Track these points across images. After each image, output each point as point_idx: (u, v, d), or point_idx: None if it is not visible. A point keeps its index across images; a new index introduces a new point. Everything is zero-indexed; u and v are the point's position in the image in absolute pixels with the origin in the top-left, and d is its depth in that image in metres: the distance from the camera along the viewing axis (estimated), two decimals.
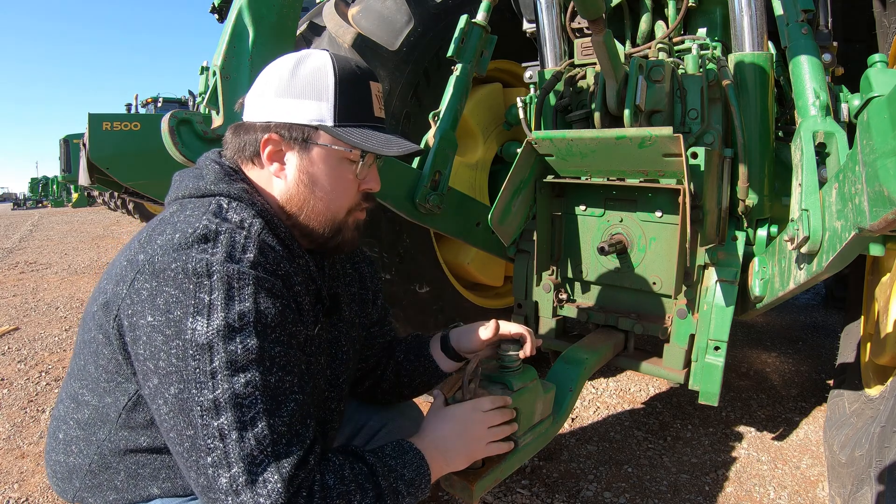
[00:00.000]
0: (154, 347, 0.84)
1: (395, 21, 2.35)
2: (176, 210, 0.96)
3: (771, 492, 1.96)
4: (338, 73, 0.99)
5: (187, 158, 1.69)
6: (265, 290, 0.87)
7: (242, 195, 0.98)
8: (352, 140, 0.98)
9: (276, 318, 0.87)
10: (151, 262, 0.86)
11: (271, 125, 0.99)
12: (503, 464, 1.24)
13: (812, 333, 3.71)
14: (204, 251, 0.86)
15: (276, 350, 0.86)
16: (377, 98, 1.05)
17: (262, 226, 0.96)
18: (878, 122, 0.79)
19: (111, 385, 0.96)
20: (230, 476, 0.79)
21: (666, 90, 1.69)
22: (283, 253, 0.97)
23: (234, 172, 1.03)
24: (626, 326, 1.85)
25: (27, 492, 2.07)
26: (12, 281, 6.14)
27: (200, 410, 0.81)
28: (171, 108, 13.49)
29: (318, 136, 1.00)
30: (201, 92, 5.92)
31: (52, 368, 3.31)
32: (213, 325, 0.81)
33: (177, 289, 0.83)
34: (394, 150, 1.01)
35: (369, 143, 0.99)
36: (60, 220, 15.44)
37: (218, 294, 0.83)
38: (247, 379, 0.81)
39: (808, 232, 1.15)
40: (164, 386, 0.83)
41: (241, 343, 0.82)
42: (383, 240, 2.40)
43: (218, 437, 0.80)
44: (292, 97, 0.99)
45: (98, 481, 1.01)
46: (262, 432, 0.81)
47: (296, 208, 1.03)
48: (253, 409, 0.81)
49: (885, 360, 1.85)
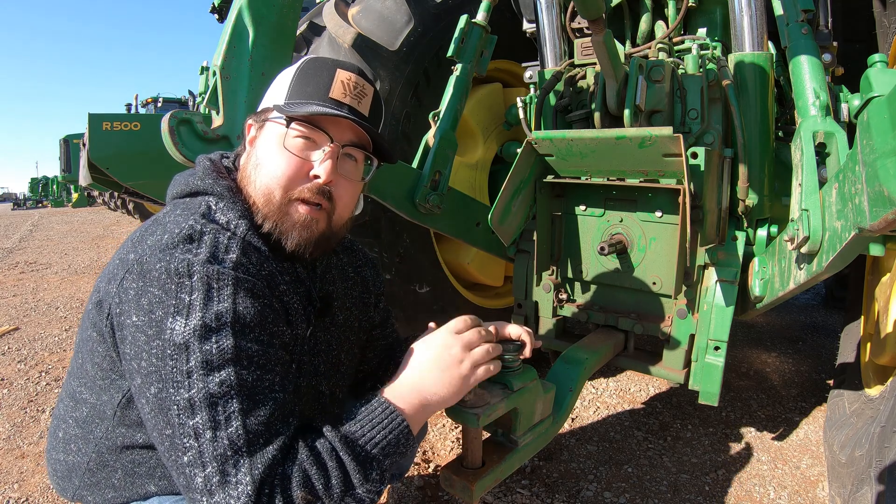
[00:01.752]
0: (138, 347, 0.85)
1: (395, 21, 2.35)
2: (168, 210, 0.99)
3: (771, 492, 1.96)
4: (304, 63, 1.04)
5: (187, 158, 1.69)
6: (245, 290, 0.88)
7: (225, 193, 1.00)
8: (280, 107, 1.00)
9: (256, 317, 0.87)
10: (140, 262, 0.87)
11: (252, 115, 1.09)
12: (503, 464, 1.24)
13: (812, 333, 3.71)
14: (188, 251, 0.87)
15: (254, 349, 0.86)
16: (343, 84, 1.01)
17: (247, 227, 0.97)
18: (878, 122, 0.79)
19: (106, 382, 0.97)
20: (205, 476, 0.79)
21: (666, 90, 1.69)
22: (268, 253, 0.98)
23: (225, 170, 1.06)
24: (626, 326, 1.85)
25: (27, 492, 2.07)
26: (12, 281, 6.14)
27: (177, 410, 0.81)
28: (171, 108, 13.49)
29: (270, 114, 1.03)
30: (201, 92, 5.91)
31: (52, 368, 3.31)
32: (189, 325, 0.82)
33: (160, 289, 0.84)
34: (312, 108, 0.97)
35: (294, 109, 0.98)
36: (60, 220, 15.44)
37: (197, 294, 0.83)
38: (220, 378, 0.81)
39: (808, 232, 1.15)
40: (146, 385, 0.84)
41: (217, 343, 0.82)
42: (383, 240, 2.40)
43: (193, 436, 0.80)
44: (269, 90, 1.08)
45: (96, 479, 1.02)
46: (237, 432, 0.80)
47: (247, 184, 1.03)
48: (227, 408, 0.81)
49: (885, 360, 1.85)
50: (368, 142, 1.08)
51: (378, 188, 1.92)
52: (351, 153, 1.06)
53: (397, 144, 2.36)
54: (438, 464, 2.11)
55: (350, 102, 1.02)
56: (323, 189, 1.01)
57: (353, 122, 1.01)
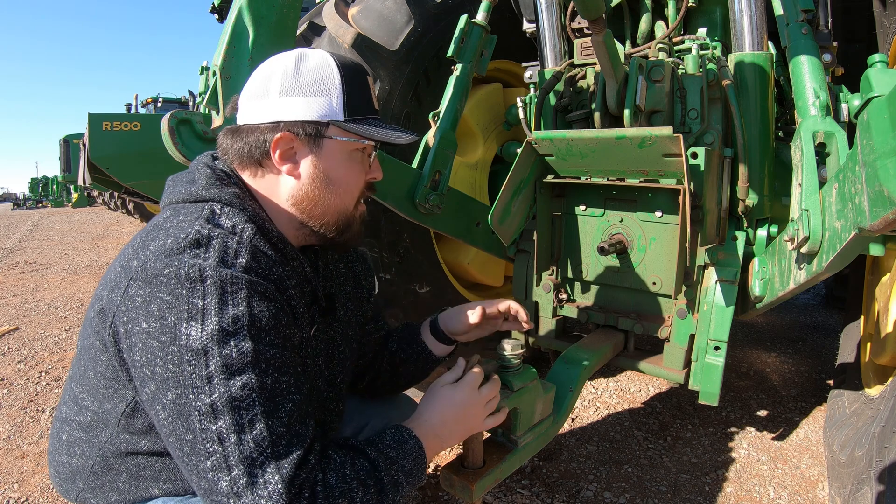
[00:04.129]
0: (150, 354, 0.84)
1: (395, 21, 2.35)
2: (169, 215, 0.96)
3: (771, 492, 1.96)
4: (341, 69, 1.01)
5: (187, 158, 1.69)
6: (258, 293, 0.87)
7: (234, 200, 0.98)
8: (364, 132, 1.02)
9: (271, 321, 0.87)
10: (144, 269, 0.86)
11: (280, 124, 0.98)
12: (503, 464, 1.24)
13: (812, 333, 3.71)
14: (196, 256, 0.86)
15: (272, 353, 0.86)
16: (373, 90, 1.09)
17: (254, 231, 0.96)
18: (878, 122, 0.79)
19: (109, 391, 0.96)
20: (230, 479, 0.79)
21: (666, 90, 1.69)
22: (275, 257, 0.97)
23: (226, 177, 1.02)
24: (626, 326, 1.85)
25: (27, 492, 2.07)
26: (12, 281, 6.14)
27: (198, 415, 0.81)
28: (171, 108, 13.50)
29: (330, 131, 1.01)
30: (201, 92, 5.92)
31: (52, 368, 3.31)
32: (207, 329, 0.81)
33: (170, 294, 0.83)
34: (403, 139, 1.06)
35: (379, 134, 1.03)
36: (60, 220, 15.44)
37: (211, 299, 0.83)
38: (243, 382, 0.81)
39: (808, 232, 1.15)
40: (162, 392, 0.83)
41: (236, 346, 0.82)
42: (383, 240, 2.40)
43: (217, 440, 0.80)
44: (300, 95, 0.99)
45: (100, 482, 1.02)
46: (261, 434, 0.81)
47: (311, 205, 1.03)
48: (250, 411, 0.81)
49: (885, 360, 1.85)
50: None
51: (378, 188, 1.91)
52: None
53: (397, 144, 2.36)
54: (438, 464, 2.11)
55: (378, 108, 1.11)
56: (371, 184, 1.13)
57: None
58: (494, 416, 1.17)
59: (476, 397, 1.12)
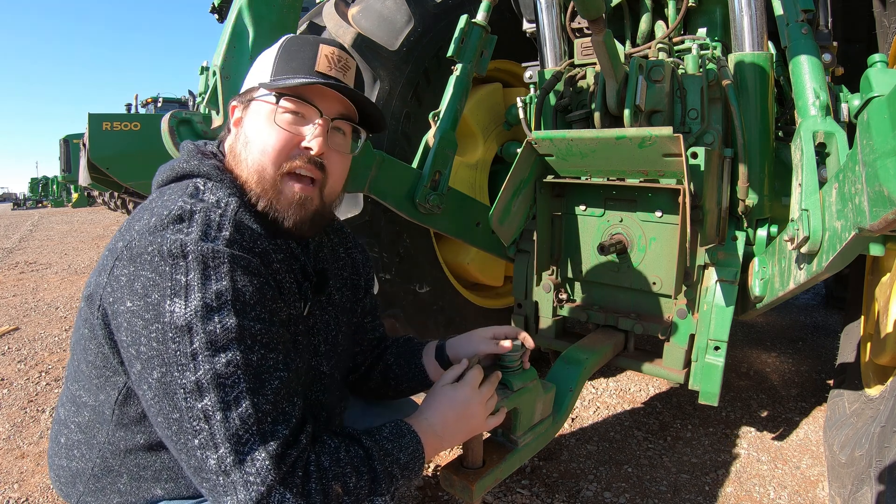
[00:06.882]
0: (135, 333, 0.83)
1: (395, 21, 2.35)
2: (155, 196, 0.97)
3: (771, 492, 1.96)
4: (285, 41, 1.04)
5: None
6: (241, 267, 0.86)
7: (212, 172, 0.99)
8: (266, 83, 1.01)
9: (255, 295, 0.87)
10: (129, 248, 0.86)
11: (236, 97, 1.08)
12: (503, 464, 1.24)
13: (812, 333, 3.71)
14: (179, 231, 0.85)
15: (257, 328, 0.85)
16: (327, 57, 1.02)
17: (238, 204, 0.95)
18: (878, 122, 0.79)
19: (101, 380, 0.96)
20: (218, 457, 0.79)
21: (666, 90, 1.69)
22: (260, 230, 0.96)
23: (209, 153, 1.06)
24: (626, 326, 1.85)
25: (27, 492, 2.07)
26: (12, 281, 6.14)
27: (184, 393, 0.80)
28: (171, 108, 13.50)
29: (257, 94, 1.03)
30: (201, 92, 5.91)
31: (52, 368, 3.31)
32: (190, 306, 0.81)
33: (153, 272, 0.83)
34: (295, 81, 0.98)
35: (282, 83, 0.98)
36: (60, 220, 15.44)
37: (194, 275, 0.82)
38: (227, 358, 0.81)
39: (808, 232, 1.15)
40: (147, 371, 0.83)
41: (220, 322, 0.82)
42: (383, 240, 2.40)
43: (203, 418, 0.79)
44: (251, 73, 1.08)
45: (101, 485, 1.01)
46: (247, 411, 0.80)
47: (236, 164, 1.03)
48: (236, 388, 0.80)
49: (885, 360, 1.85)
50: (356, 114, 1.09)
51: (378, 188, 1.91)
52: (339, 126, 1.06)
53: (397, 144, 2.36)
54: (438, 464, 2.11)
55: (336, 75, 1.02)
56: (314, 160, 1.01)
57: (341, 95, 1.03)
58: (495, 416, 1.17)
59: (477, 396, 1.11)
